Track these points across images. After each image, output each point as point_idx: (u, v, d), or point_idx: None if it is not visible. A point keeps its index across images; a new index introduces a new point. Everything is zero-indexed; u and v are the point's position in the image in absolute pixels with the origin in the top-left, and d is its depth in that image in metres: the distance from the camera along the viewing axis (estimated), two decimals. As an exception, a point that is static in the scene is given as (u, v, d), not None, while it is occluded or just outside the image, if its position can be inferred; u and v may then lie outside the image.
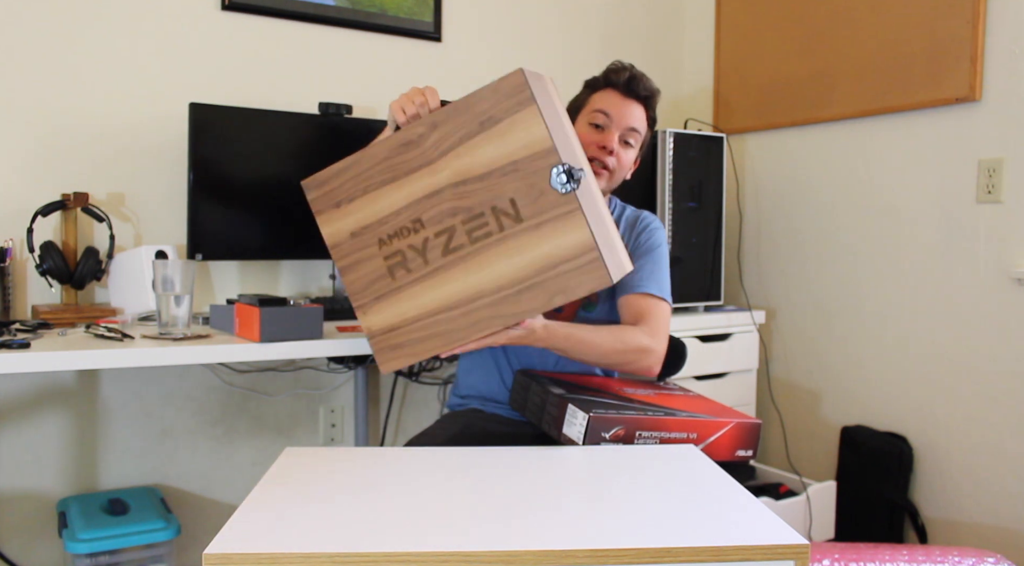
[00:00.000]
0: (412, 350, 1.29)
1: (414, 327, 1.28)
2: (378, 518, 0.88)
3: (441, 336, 1.27)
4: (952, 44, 2.19)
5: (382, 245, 1.29)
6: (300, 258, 2.25)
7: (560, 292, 1.21)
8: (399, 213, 1.27)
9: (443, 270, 1.26)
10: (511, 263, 1.22)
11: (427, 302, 1.27)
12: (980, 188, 2.16)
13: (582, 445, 1.22)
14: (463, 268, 1.25)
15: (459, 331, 1.26)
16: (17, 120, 1.97)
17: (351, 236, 1.31)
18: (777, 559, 0.82)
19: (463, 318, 1.26)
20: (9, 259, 1.89)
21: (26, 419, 2.01)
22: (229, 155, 2.05)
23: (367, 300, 1.31)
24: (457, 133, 1.23)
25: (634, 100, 1.61)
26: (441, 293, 1.26)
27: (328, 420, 2.40)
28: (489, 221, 1.23)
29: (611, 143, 1.58)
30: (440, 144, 1.24)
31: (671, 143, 2.40)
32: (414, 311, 1.28)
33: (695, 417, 1.33)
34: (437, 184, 1.25)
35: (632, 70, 1.61)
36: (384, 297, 1.30)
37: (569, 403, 1.27)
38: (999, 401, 2.14)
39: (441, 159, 1.24)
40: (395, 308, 1.29)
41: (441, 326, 1.27)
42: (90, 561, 1.79)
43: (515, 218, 1.21)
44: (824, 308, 2.58)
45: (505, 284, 1.23)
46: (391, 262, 1.29)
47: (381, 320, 1.30)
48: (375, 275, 1.30)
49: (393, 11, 2.41)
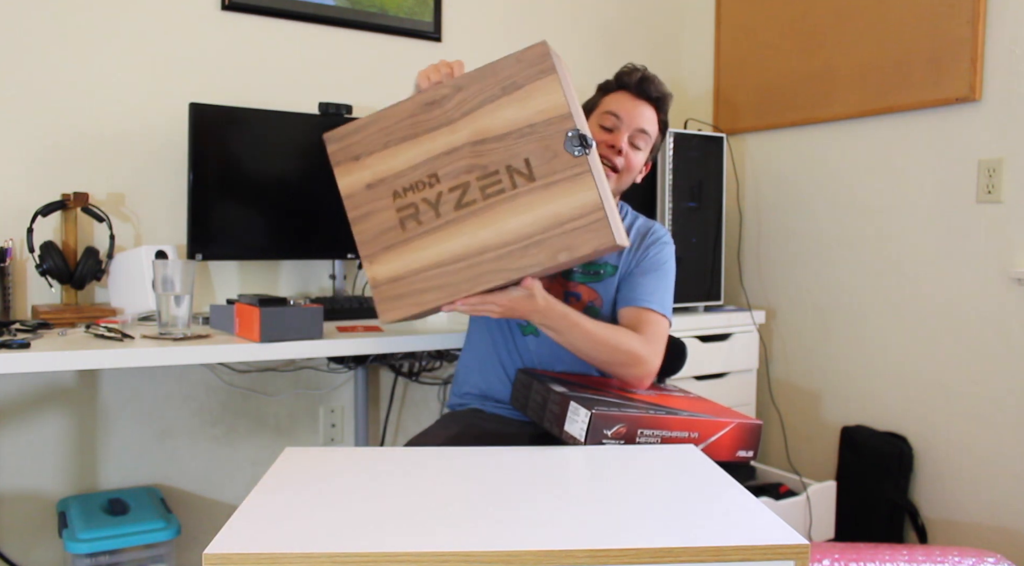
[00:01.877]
0: (414, 300, 1.31)
1: (418, 278, 1.31)
2: (378, 518, 0.88)
3: (443, 288, 1.30)
4: (952, 44, 2.19)
5: (396, 197, 1.32)
6: (300, 258, 2.25)
7: (565, 249, 1.25)
8: (416, 168, 1.31)
9: (454, 223, 1.29)
10: (520, 219, 1.27)
11: (434, 254, 1.30)
12: (980, 188, 2.16)
13: (584, 443, 1.22)
14: (473, 222, 1.28)
15: (462, 283, 1.29)
16: (17, 120, 1.97)
17: (366, 188, 1.34)
18: (777, 559, 0.82)
19: (467, 271, 1.29)
20: (9, 259, 1.89)
21: (26, 419, 2.01)
22: (229, 155, 2.05)
23: (376, 249, 1.34)
24: (479, 96, 1.29)
25: (645, 101, 1.61)
26: (449, 246, 1.29)
27: (328, 420, 2.40)
28: (503, 179, 1.28)
29: (619, 143, 1.57)
30: (462, 105, 1.30)
31: (671, 143, 2.40)
32: (420, 262, 1.31)
33: (697, 417, 1.33)
34: (456, 142, 1.30)
35: (644, 72, 1.61)
36: (393, 247, 1.32)
37: (571, 400, 1.27)
38: (999, 401, 2.14)
39: (462, 119, 1.30)
40: (402, 259, 1.32)
41: (444, 278, 1.29)
42: (90, 561, 1.79)
43: (528, 177, 1.27)
44: (824, 308, 2.58)
45: (512, 240, 1.27)
46: (403, 214, 1.32)
47: (388, 270, 1.33)
48: (386, 226, 1.33)
49: (393, 11, 2.41)
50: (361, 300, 2.12)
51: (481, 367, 1.65)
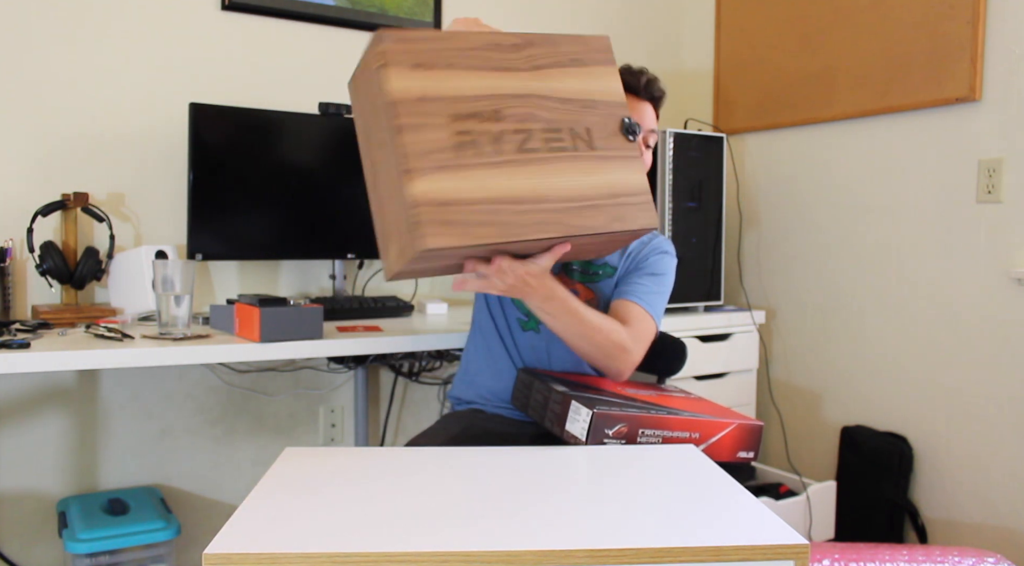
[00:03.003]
0: (466, 231, 1.23)
1: (475, 209, 1.24)
2: (378, 518, 0.88)
3: (501, 225, 1.25)
4: (952, 44, 2.19)
5: (455, 120, 1.27)
6: (300, 258, 2.25)
7: (619, 219, 1.30)
8: (478, 99, 1.29)
9: (515, 164, 1.28)
10: (581, 180, 1.30)
11: (493, 188, 1.26)
12: (980, 188, 2.16)
13: (585, 442, 1.22)
14: (536, 170, 1.28)
15: (521, 227, 1.26)
16: (18, 120, 1.97)
17: (419, 99, 1.27)
18: (777, 559, 0.82)
19: (527, 215, 1.26)
20: (9, 259, 1.89)
21: (26, 419, 2.01)
22: (229, 155, 2.05)
23: (425, 165, 1.24)
24: (549, 57, 1.34)
25: (648, 102, 1.63)
26: (509, 184, 1.27)
27: (328, 420, 2.40)
28: (565, 137, 1.31)
29: (641, 145, 1.59)
30: (533, 59, 1.33)
31: (671, 143, 2.40)
32: (479, 193, 1.25)
33: (698, 417, 1.33)
34: (523, 90, 1.31)
35: (648, 74, 1.63)
36: (446, 169, 1.25)
37: (573, 400, 1.27)
38: (999, 401, 2.14)
39: (531, 71, 1.33)
40: (456, 184, 1.25)
41: (504, 216, 1.25)
42: (90, 561, 1.79)
43: (588, 144, 1.32)
44: (824, 308, 2.58)
45: (572, 197, 1.29)
46: (461, 139, 1.27)
47: (437, 190, 1.23)
48: (440, 145, 1.25)
49: (393, 11, 2.42)
50: (361, 300, 2.12)
51: (482, 366, 1.66)
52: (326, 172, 2.18)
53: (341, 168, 2.19)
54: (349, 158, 2.19)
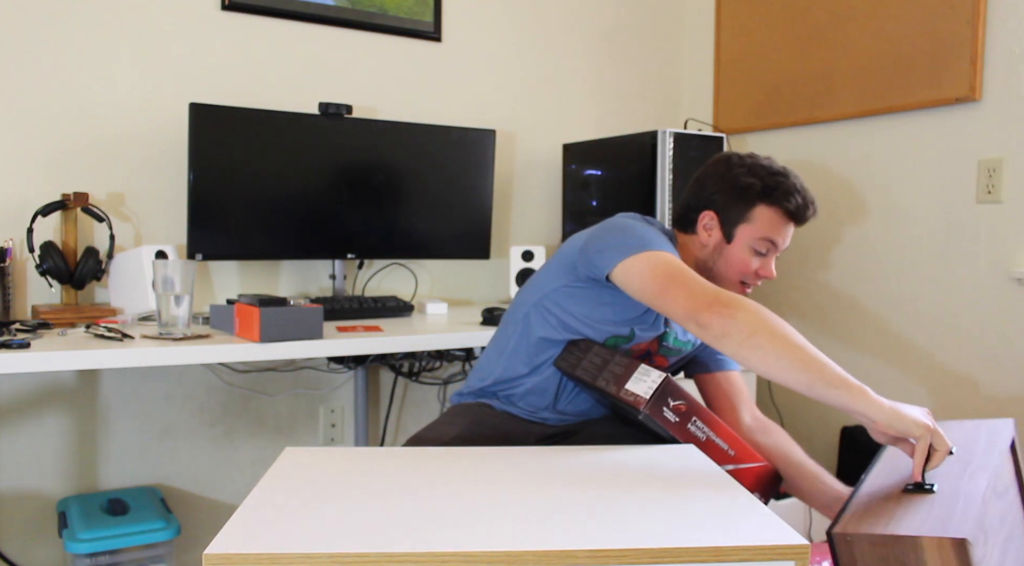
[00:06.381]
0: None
1: None
2: (378, 518, 0.88)
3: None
4: (952, 44, 2.19)
5: None
6: (300, 258, 2.25)
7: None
8: None
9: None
10: None
11: None
12: (980, 188, 2.16)
13: (646, 402, 1.21)
14: None
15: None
16: (17, 120, 1.97)
17: None
18: (777, 559, 0.82)
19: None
20: (9, 259, 1.89)
21: (26, 419, 2.01)
22: (229, 155, 2.05)
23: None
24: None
25: (796, 226, 1.57)
26: None
27: (328, 420, 2.40)
28: None
29: (772, 273, 1.53)
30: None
31: (671, 143, 2.40)
32: None
33: (740, 439, 1.34)
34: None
35: (812, 201, 1.55)
36: None
37: (643, 363, 1.28)
38: (999, 401, 2.14)
39: None
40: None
41: None
42: (90, 561, 1.79)
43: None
44: (824, 308, 2.58)
45: None
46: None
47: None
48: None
49: (393, 11, 2.41)
50: (361, 300, 2.12)
51: (543, 388, 1.52)
52: (326, 172, 2.18)
53: (341, 168, 2.19)
54: (349, 158, 2.19)
